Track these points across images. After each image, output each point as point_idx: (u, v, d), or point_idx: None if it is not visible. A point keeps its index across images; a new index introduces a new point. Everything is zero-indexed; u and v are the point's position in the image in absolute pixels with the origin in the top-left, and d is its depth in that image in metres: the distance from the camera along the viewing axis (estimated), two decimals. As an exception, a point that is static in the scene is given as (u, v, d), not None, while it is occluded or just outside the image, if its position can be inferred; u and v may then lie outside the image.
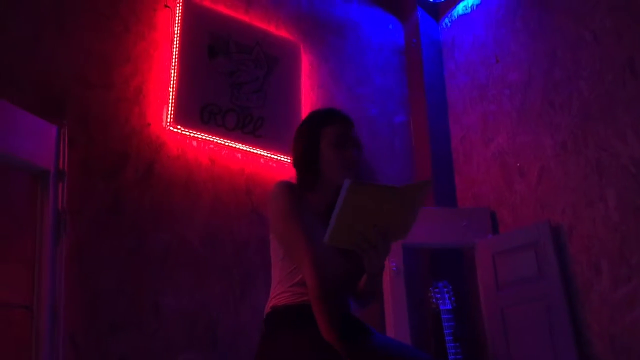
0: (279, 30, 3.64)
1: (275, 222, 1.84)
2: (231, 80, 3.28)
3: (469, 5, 4.10)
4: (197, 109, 3.11)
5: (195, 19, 3.24)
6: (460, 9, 4.17)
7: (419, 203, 1.67)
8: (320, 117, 1.92)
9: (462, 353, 3.00)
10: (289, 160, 3.34)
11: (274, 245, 1.89)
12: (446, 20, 4.28)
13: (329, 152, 1.85)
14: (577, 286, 3.07)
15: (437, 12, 4.35)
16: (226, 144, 3.19)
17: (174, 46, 3.15)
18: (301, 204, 1.82)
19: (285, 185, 1.84)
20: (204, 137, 3.12)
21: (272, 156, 3.33)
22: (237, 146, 3.23)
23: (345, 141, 1.86)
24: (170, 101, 3.05)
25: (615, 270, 2.92)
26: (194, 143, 3.12)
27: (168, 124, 3.03)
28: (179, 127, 3.04)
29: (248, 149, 3.26)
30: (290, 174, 3.31)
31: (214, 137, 3.14)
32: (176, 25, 3.19)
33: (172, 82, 3.09)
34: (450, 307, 3.09)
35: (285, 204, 1.79)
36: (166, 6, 3.22)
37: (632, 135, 2.95)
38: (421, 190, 1.65)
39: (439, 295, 3.12)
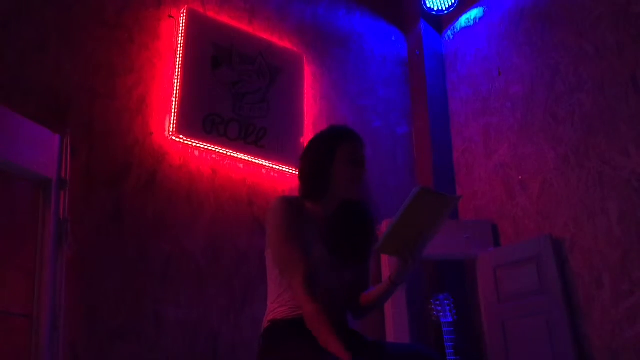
0: (282, 41, 3.65)
1: (270, 237, 1.87)
2: (234, 91, 3.29)
3: (472, 18, 4.12)
4: (200, 119, 3.11)
5: (198, 29, 3.26)
6: (463, 21, 4.19)
7: (445, 217, 1.76)
8: (338, 133, 1.99)
9: (462, 366, 2.99)
10: (291, 171, 3.34)
11: (270, 259, 1.90)
12: (449, 32, 4.29)
13: (343, 166, 1.92)
14: (579, 300, 3.06)
15: (440, 24, 4.36)
16: (228, 154, 3.20)
17: (178, 56, 3.16)
18: (301, 217, 1.85)
19: (284, 201, 1.87)
20: (206, 147, 3.13)
21: (274, 167, 3.33)
22: (240, 156, 3.23)
23: (357, 159, 1.95)
24: (173, 111, 3.06)
25: (617, 285, 2.91)
26: (196, 153, 3.12)
27: (170, 133, 3.03)
28: (181, 136, 3.05)
29: (250, 159, 3.26)
30: (292, 185, 3.33)
31: (216, 147, 3.15)
32: (180, 35, 3.20)
33: (175, 92, 3.09)
34: (451, 320, 3.07)
35: (282, 220, 1.82)
36: (170, 16, 3.24)
37: (634, 149, 2.95)
38: (454, 203, 1.76)
39: (439, 308, 3.11)
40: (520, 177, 3.51)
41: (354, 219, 1.95)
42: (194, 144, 3.10)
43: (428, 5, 4.14)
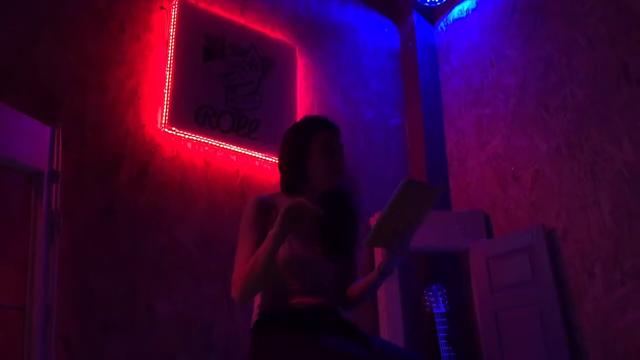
0: (274, 33, 3.64)
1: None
2: (226, 83, 3.28)
3: (464, 10, 4.12)
4: (192, 111, 3.10)
5: (190, 20, 3.24)
6: (455, 13, 4.18)
7: (431, 206, 1.80)
8: (311, 124, 1.97)
9: (456, 356, 3.00)
10: (283, 163, 3.33)
11: None
12: (442, 24, 4.29)
13: (317, 157, 1.90)
14: (571, 291, 3.07)
15: (433, 16, 4.36)
16: (221, 146, 3.19)
17: (169, 48, 3.15)
18: (272, 216, 1.84)
19: (254, 202, 1.89)
20: (198, 139, 3.12)
21: (267, 158, 3.32)
22: (232, 148, 3.22)
23: (333, 148, 1.92)
24: (165, 103, 3.05)
25: (609, 275, 2.92)
26: (189, 145, 3.11)
27: (163, 125, 3.02)
28: (173, 128, 3.03)
29: (243, 151, 3.26)
30: (285, 177, 3.32)
31: (208, 139, 3.14)
32: (172, 26, 3.19)
33: (167, 84, 3.08)
34: (444, 311, 3.09)
35: (245, 220, 1.86)
36: (162, 8, 3.22)
37: (626, 140, 2.96)
38: (438, 193, 1.80)
39: (432, 299, 3.12)
40: (512, 168, 3.52)
41: (336, 210, 1.93)
42: (187, 136, 3.08)
43: (421, -3, 4.14)
